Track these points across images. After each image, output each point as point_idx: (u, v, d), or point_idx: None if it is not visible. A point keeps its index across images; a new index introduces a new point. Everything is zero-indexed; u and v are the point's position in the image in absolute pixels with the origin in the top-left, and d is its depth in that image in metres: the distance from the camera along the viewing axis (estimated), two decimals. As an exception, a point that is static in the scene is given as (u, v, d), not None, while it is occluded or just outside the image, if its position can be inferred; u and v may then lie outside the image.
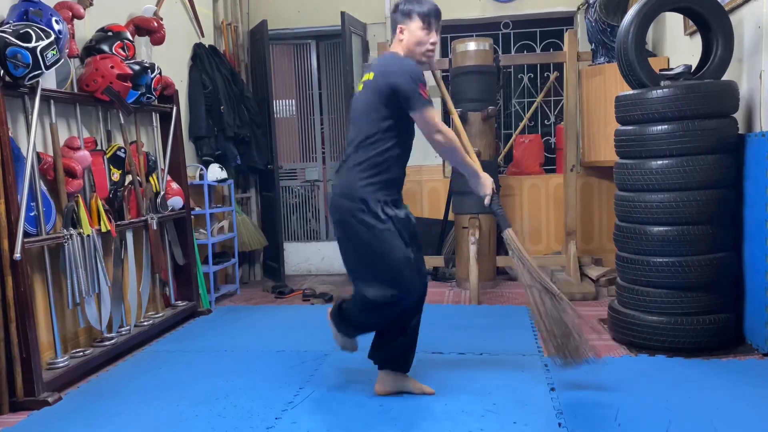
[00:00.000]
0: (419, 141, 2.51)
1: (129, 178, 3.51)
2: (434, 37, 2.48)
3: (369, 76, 2.45)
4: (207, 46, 4.71)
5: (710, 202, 2.90)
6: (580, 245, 4.87)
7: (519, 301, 4.22)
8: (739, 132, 3.04)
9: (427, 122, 2.35)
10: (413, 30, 2.46)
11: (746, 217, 3.03)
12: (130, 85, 3.28)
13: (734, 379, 2.64)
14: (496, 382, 2.69)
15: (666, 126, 2.92)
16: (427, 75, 2.55)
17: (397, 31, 2.51)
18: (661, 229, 2.95)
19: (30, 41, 2.59)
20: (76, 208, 3.01)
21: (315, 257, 5.63)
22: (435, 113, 2.38)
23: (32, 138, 2.76)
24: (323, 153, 5.83)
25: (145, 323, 3.56)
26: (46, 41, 2.64)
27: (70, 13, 3.06)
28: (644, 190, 3.01)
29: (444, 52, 5.28)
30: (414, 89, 2.31)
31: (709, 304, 2.94)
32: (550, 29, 5.41)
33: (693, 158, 2.89)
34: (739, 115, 3.06)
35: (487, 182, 2.52)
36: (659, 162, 2.94)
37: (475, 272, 4.24)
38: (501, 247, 4.90)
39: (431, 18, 2.46)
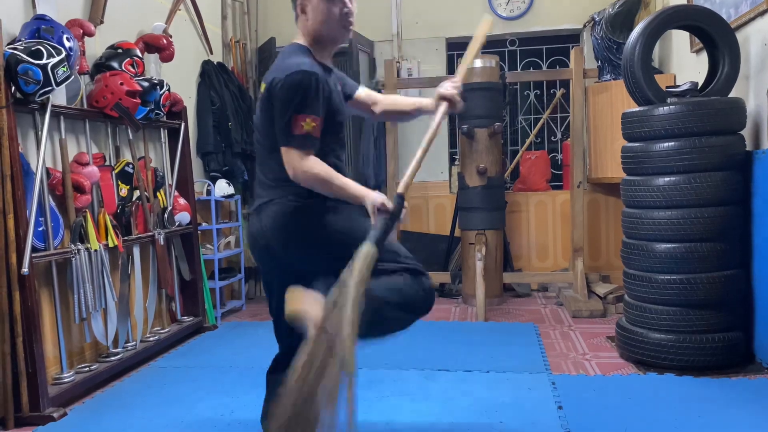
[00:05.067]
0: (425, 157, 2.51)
1: (137, 193, 3.53)
2: (348, 5, 1.96)
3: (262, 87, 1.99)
4: (215, 63, 4.76)
5: (718, 219, 2.88)
6: (588, 262, 4.85)
7: (526, 317, 4.20)
8: (747, 149, 3.03)
9: (286, 163, 1.87)
10: (315, 5, 1.94)
11: (755, 235, 3.01)
12: (139, 101, 3.31)
13: (744, 398, 2.61)
14: (503, 400, 2.67)
15: (673, 143, 2.92)
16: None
17: (297, 10, 1.99)
18: (669, 246, 2.94)
19: (41, 58, 2.62)
20: (83, 223, 3.03)
21: (321, 273, 5.61)
22: (296, 155, 1.84)
23: (42, 153, 2.78)
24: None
25: (151, 339, 3.55)
26: (57, 58, 2.68)
27: (81, 31, 3.10)
28: (651, 207, 3.00)
29: (451, 69, 5.31)
30: (283, 117, 1.84)
31: (718, 322, 2.92)
32: (556, 46, 5.43)
33: (700, 175, 2.88)
34: (746, 132, 3.06)
35: (368, 199, 1.86)
36: (666, 179, 2.93)
37: (481, 288, 4.22)
38: (508, 264, 4.89)
39: None
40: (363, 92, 2.22)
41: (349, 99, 2.16)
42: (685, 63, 4.10)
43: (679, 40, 4.14)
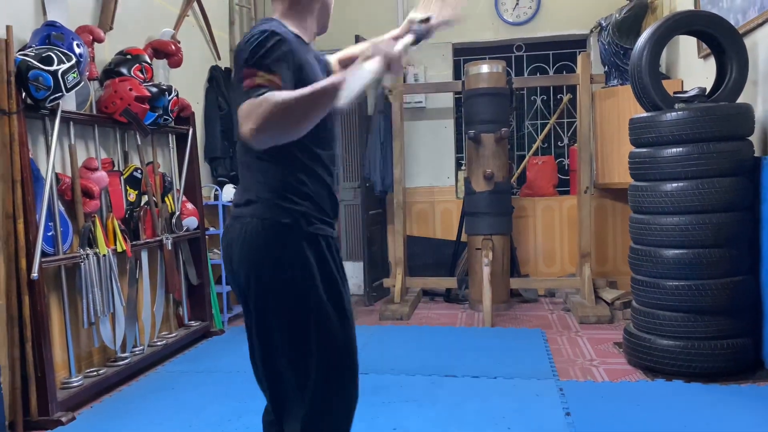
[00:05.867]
0: (430, 162, 2.50)
1: (145, 198, 3.55)
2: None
3: None
4: (223, 68, 4.78)
5: (726, 225, 2.87)
6: (595, 267, 4.84)
7: (533, 323, 4.19)
8: (755, 155, 3.02)
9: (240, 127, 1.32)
10: None
11: (763, 240, 3.00)
12: (147, 107, 3.33)
13: (753, 404, 2.60)
14: (511, 406, 2.67)
15: (680, 148, 2.92)
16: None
17: None
18: (677, 252, 2.93)
19: (52, 64, 2.64)
20: (92, 228, 3.05)
21: (328, 278, 5.61)
22: (244, 109, 1.29)
23: (51, 159, 2.80)
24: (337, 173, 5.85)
25: (159, 343, 3.56)
26: (68, 64, 2.70)
27: (91, 37, 3.12)
28: (659, 213, 2.99)
29: (457, 75, 5.32)
30: (238, 75, 1.38)
31: (726, 328, 2.90)
32: (563, 52, 5.43)
33: (708, 181, 2.87)
34: (754, 138, 3.05)
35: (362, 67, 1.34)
36: (674, 184, 2.93)
37: (488, 294, 4.21)
38: (514, 269, 4.88)
39: None
40: (333, 59, 1.85)
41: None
42: (692, 68, 4.09)
43: (687, 45, 4.13)
